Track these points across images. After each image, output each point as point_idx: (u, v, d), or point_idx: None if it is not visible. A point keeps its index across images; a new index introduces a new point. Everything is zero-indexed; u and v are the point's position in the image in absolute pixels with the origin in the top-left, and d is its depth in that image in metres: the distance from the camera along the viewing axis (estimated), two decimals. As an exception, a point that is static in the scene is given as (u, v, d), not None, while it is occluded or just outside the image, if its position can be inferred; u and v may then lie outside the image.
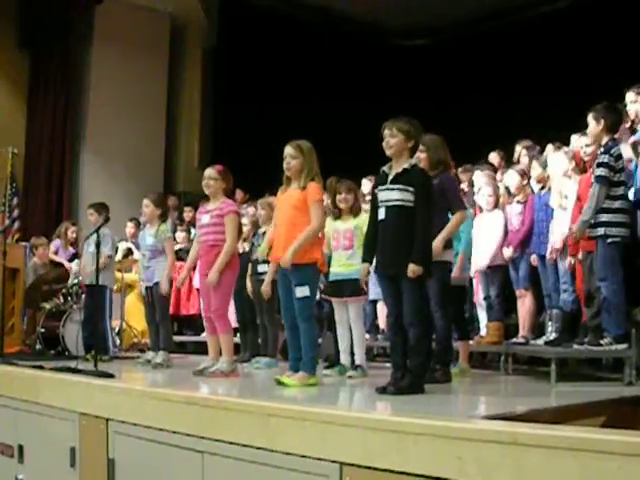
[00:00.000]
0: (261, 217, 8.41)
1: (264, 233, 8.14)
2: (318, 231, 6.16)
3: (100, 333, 8.48)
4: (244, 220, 8.63)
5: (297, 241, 5.99)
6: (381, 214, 5.45)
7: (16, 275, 9.68)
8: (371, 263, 5.62)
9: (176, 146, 16.24)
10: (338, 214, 7.19)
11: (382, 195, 5.47)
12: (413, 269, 5.18)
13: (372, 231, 5.58)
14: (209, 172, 7.02)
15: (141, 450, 5.26)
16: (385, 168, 5.55)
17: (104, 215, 8.56)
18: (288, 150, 6.21)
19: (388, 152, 5.49)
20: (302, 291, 5.97)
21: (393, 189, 5.40)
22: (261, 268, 8.19)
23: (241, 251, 8.28)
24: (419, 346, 5.29)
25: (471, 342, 8.15)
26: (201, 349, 10.21)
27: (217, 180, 6.96)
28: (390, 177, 5.46)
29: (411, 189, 5.34)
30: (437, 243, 5.98)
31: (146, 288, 8.09)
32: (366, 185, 9.48)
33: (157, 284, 7.93)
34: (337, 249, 7.09)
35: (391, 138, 5.46)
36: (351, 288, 6.87)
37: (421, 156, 6.20)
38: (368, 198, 7.22)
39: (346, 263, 6.99)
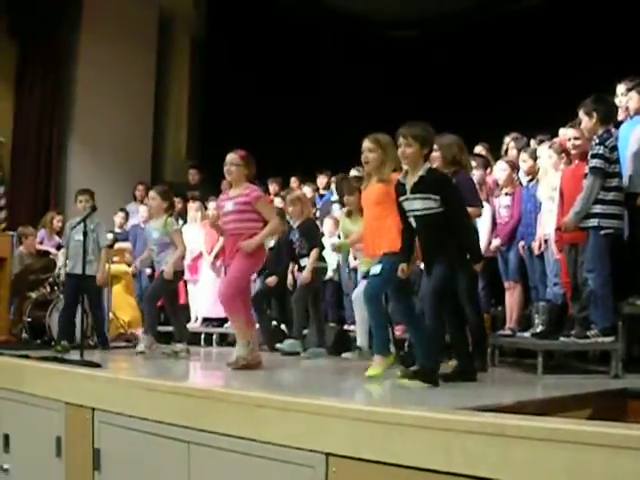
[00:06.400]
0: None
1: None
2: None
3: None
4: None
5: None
6: (413, 223, 5.53)
7: (2, 264, 9.62)
8: (407, 263, 5.64)
9: (164, 136, 16.19)
10: (348, 213, 7.97)
11: (406, 205, 5.52)
12: (478, 266, 5.74)
13: (406, 236, 5.65)
14: (231, 157, 6.83)
15: (127, 440, 5.25)
16: (400, 178, 5.58)
17: (92, 203, 8.56)
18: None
19: (404, 162, 5.52)
20: None
21: (415, 199, 5.44)
22: None
23: None
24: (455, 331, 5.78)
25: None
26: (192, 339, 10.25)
27: (239, 166, 6.79)
28: (408, 187, 5.47)
29: (434, 197, 5.36)
30: None
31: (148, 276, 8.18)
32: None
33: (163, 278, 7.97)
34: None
35: (407, 148, 5.43)
36: None
37: (434, 155, 6.11)
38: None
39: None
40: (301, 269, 8.74)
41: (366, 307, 6.07)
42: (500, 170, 8.11)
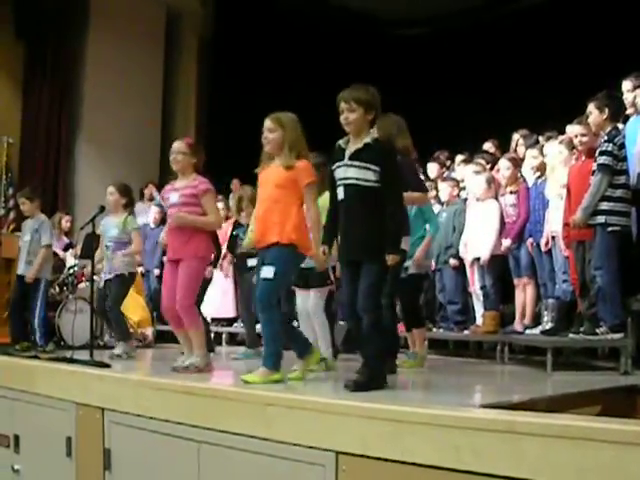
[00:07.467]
0: None
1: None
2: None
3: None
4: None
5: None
6: (340, 194, 4.89)
7: (12, 265, 9.63)
8: (330, 246, 5.07)
9: (172, 135, 16.14)
10: None
11: (339, 172, 4.90)
12: (393, 258, 4.67)
13: (332, 213, 5.05)
14: (177, 145, 6.38)
15: (137, 440, 5.26)
16: (341, 142, 4.99)
17: (37, 202, 8.83)
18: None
19: (348, 129, 4.91)
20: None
21: (351, 166, 4.82)
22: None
23: None
24: (373, 334, 4.73)
25: (467, 332, 8.20)
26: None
27: (186, 155, 6.29)
28: (348, 152, 4.88)
29: (373, 167, 4.76)
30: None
31: (105, 281, 7.87)
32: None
33: (118, 276, 7.73)
34: None
35: (350, 113, 4.87)
36: (318, 278, 6.44)
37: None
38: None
39: None
40: (249, 269, 7.91)
41: (260, 316, 5.34)
42: (503, 169, 8.10)
